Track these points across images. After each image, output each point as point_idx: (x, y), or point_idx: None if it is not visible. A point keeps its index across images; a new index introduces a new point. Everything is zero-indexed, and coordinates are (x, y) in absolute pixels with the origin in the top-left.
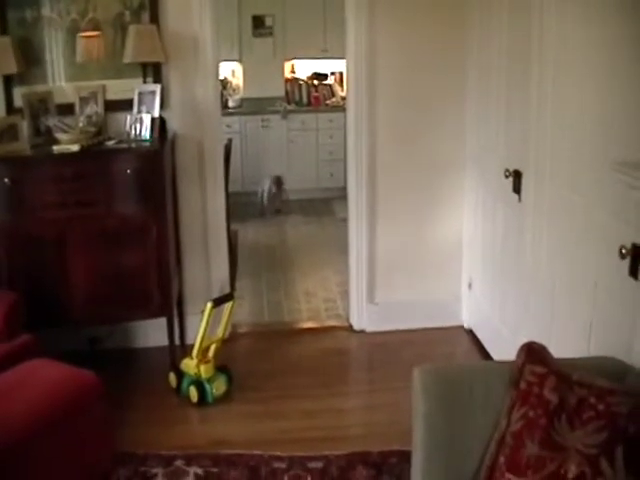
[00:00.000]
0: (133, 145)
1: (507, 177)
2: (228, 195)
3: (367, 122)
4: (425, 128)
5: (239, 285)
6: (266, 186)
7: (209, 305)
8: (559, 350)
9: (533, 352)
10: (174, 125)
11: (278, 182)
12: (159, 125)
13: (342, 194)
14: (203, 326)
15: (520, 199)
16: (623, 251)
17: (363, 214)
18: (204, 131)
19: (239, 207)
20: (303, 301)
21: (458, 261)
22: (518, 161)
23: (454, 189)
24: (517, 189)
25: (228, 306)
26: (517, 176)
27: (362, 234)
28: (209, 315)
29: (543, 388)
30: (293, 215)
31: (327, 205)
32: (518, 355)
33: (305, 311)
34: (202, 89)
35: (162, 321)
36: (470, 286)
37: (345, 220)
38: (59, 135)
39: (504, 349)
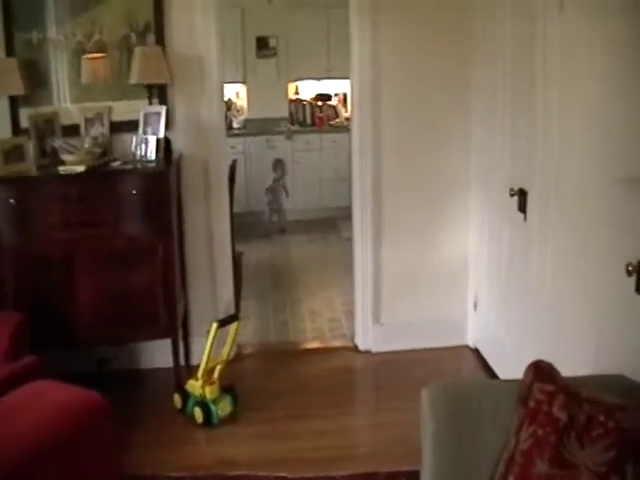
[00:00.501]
0: (139, 166)
1: (512, 196)
2: (233, 215)
3: (371, 142)
4: (430, 147)
5: (244, 305)
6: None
7: (214, 326)
8: (565, 368)
9: (541, 370)
10: (179, 146)
11: (277, 166)
12: (164, 146)
13: (346, 214)
14: (208, 347)
15: (525, 218)
16: (629, 268)
17: (368, 234)
18: (209, 152)
19: (243, 227)
20: (308, 321)
21: (463, 280)
22: (523, 180)
23: (459, 208)
24: (522, 208)
25: (233, 327)
26: (522, 195)
27: (367, 254)
28: (214, 336)
29: (552, 406)
30: (297, 235)
31: (331, 224)
32: (526, 373)
33: (310, 331)
34: (207, 110)
35: (167, 342)
36: (476, 305)
37: (350, 240)
38: (65, 156)
39: (510, 368)
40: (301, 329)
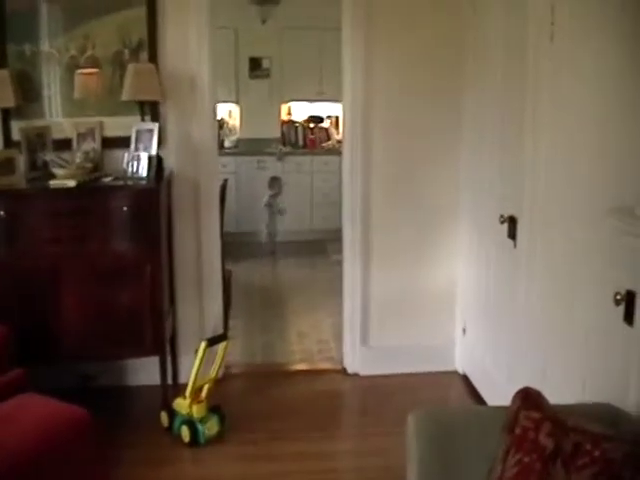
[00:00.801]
0: (130, 182)
1: (502, 223)
2: (223, 235)
3: (362, 166)
4: (420, 172)
5: (232, 325)
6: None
7: (203, 345)
8: (553, 396)
9: (529, 397)
10: (171, 163)
11: (274, 184)
12: (156, 163)
13: (336, 236)
14: (197, 366)
15: (515, 245)
16: (618, 297)
17: (357, 257)
18: (200, 170)
19: (233, 247)
20: (296, 342)
21: (452, 305)
22: (513, 207)
23: (449, 233)
24: (512, 235)
25: (222, 346)
26: (512, 222)
27: (356, 277)
28: (203, 355)
29: (538, 433)
30: (286, 257)
31: (321, 247)
32: (513, 400)
33: (298, 352)
34: (199, 128)
35: (155, 359)
36: (464, 331)
37: (339, 263)
38: (56, 170)
39: (498, 394)
40: (289, 350)
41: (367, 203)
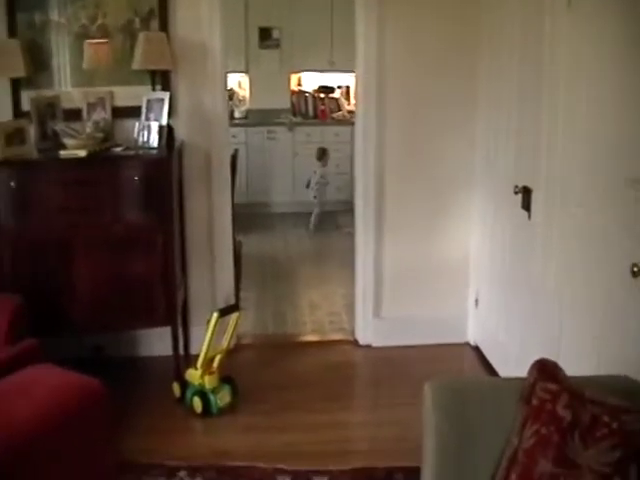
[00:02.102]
0: (141, 152)
1: (516, 193)
2: (234, 205)
3: (375, 135)
4: (435, 142)
5: (243, 296)
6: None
7: (215, 315)
8: (568, 367)
9: (545, 369)
10: (181, 133)
11: (323, 156)
12: (167, 133)
13: (347, 208)
14: (209, 336)
15: (530, 216)
16: (635, 269)
17: (370, 228)
18: (211, 140)
19: (244, 219)
20: (308, 314)
21: (465, 277)
22: (528, 177)
23: (463, 204)
24: (526, 206)
25: (233, 317)
26: (526, 193)
27: (369, 248)
28: (215, 325)
29: (556, 405)
30: (298, 228)
31: (333, 218)
32: (530, 372)
33: (309, 324)
34: (210, 98)
35: (167, 330)
36: (477, 303)
37: (351, 234)
38: (66, 140)
39: (511, 366)
40: (300, 321)
41: (380, 174)
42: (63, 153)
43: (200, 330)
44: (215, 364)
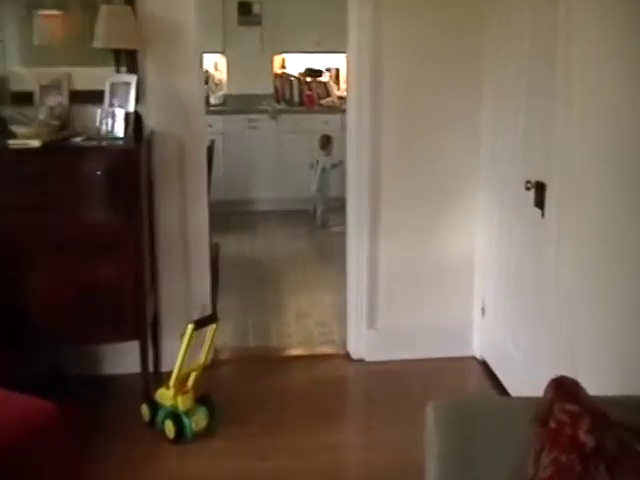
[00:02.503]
0: (104, 143)
1: (528, 189)
2: (210, 203)
3: (370, 125)
4: (435, 132)
5: (221, 305)
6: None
7: (190, 327)
8: (586, 385)
9: (564, 387)
10: (151, 122)
11: (326, 144)
12: (134, 121)
13: (337, 205)
14: (182, 351)
15: (543, 214)
16: None
17: (364, 228)
18: (186, 130)
19: (221, 218)
20: (293, 324)
21: (470, 283)
22: (541, 171)
23: (467, 202)
24: (540, 203)
25: (211, 329)
26: (540, 188)
27: (362, 250)
28: (190, 339)
29: (577, 429)
30: (282, 227)
31: (321, 217)
32: (546, 390)
33: (295, 335)
34: (184, 82)
35: (134, 345)
36: (483, 312)
37: (340, 234)
38: (16, 128)
39: (522, 383)
40: (285, 333)
41: (375, 168)
42: (12, 142)
43: (173, 344)
44: (190, 383)
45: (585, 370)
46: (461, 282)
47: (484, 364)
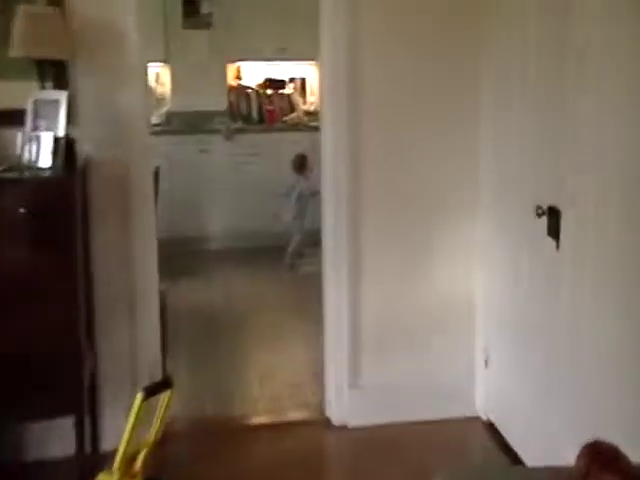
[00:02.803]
0: (27, 174)
1: (540, 216)
2: None
3: (348, 145)
4: (427, 153)
5: (170, 366)
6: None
7: (139, 397)
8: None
9: (602, 454)
10: (86, 147)
11: (302, 164)
12: (65, 147)
13: (313, 239)
14: (130, 426)
15: (558, 245)
16: None
17: (343, 268)
18: (129, 156)
19: (167, 260)
20: (259, 386)
21: (470, 330)
22: (555, 195)
23: (464, 234)
24: (554, 232)
25: (164, 397)
26: (554, 215)
27: (342, 294)
28: (139, 410)
29: None
30: (242, 269)
31: (284, 256)
32: (579, 459)
33: (262, 400)
34: (126, 98)
35: (67, 421)
36: (486, 363)
37: (311, 275)
38: None
39: (538, 448)
40: (249, 397)
41: (356, 197)
42: None
43: (115, 417)
44: (138, 463)
45: (616, 432)
46: (460, 329)
47: (490, 425)
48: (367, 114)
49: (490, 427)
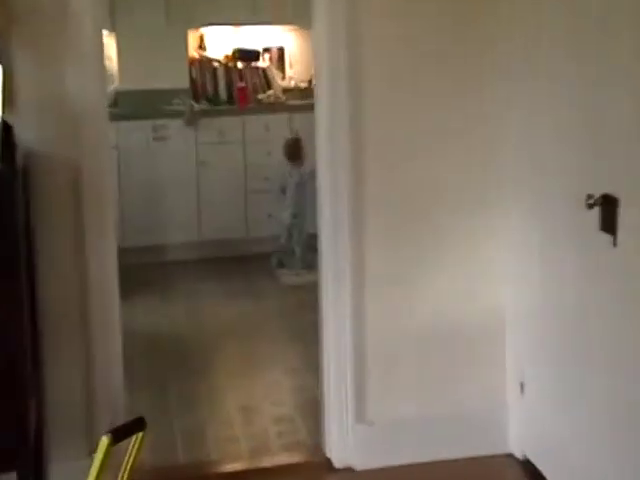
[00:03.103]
0: None
1: (591, 207)
2: None
3: (349, 128)
4: (443, 135)
5: (129, 404)
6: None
7: (104, 441)
8: None
9: None
10: (28, 138)
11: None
12: (1, 136)
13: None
14: (92, 479)
15: (615, 241)
16: None
17: (344, 277)
18: (82, 148)
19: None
20: (239, 423)
21: (500, 348)
22: (611, 180)
23: (491, 231)
24: (609, 225)
25: (134, 441)
26: (609, 205)
27: (343, 309)
28: (104, 459)
29: None
30: (210, 283)
31: (263, 264)
32: None
33: (244, 440)
34: (77, 76)
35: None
36: (522, 388)
37: (293, 287)
38: None
39: None
40: (228, 437)
41: (359, 190)
42: None
43: (66, 471)
44: None
45: None
46: (487, 347)
47: (527, 463)
48: (372, 90)
49: (526, 465)
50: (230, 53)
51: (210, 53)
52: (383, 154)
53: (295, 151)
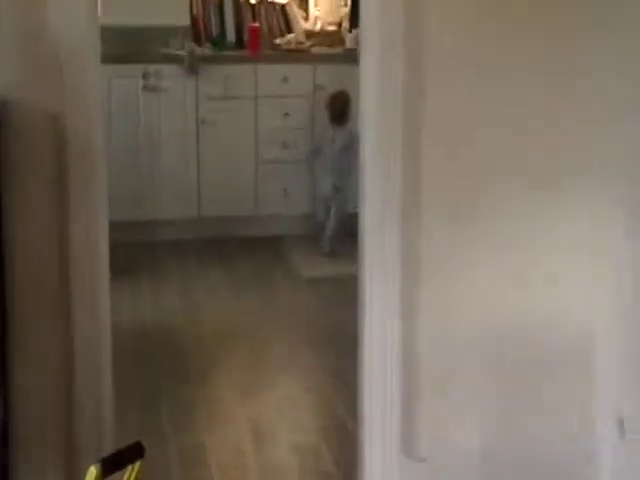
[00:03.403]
0: None
1: None
2: None
3: (404, 87)
4: (522, 94)
5: (116, 418)
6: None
7: (93, 472)
8: None
9: None
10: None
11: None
12: None
13: (306, 229)
14: None
15: None
16: None
17: (393, 271)
18: (65, 96)
19: None
20: (250, 450)
21: (587, 373)
22: None
23: (586, 221)
24: None
25: (129, 473)
26: None
27: (390, 310)
28: None
29: None
30: (214, 271)
31: (277, 250)
32: None
33: (255, 470)
34: (59, 6)
35: None
36: (622, 425)
37: (314, 281)
38: None
39: None
40: (235, 465)
41: (414, 164)
42: None
43: None
44: None
45: None
46: (571, 371)
47: None
48: (437, 36)
49: None
50: None
51: None
52: (446, 119)
53: (342, 109)
